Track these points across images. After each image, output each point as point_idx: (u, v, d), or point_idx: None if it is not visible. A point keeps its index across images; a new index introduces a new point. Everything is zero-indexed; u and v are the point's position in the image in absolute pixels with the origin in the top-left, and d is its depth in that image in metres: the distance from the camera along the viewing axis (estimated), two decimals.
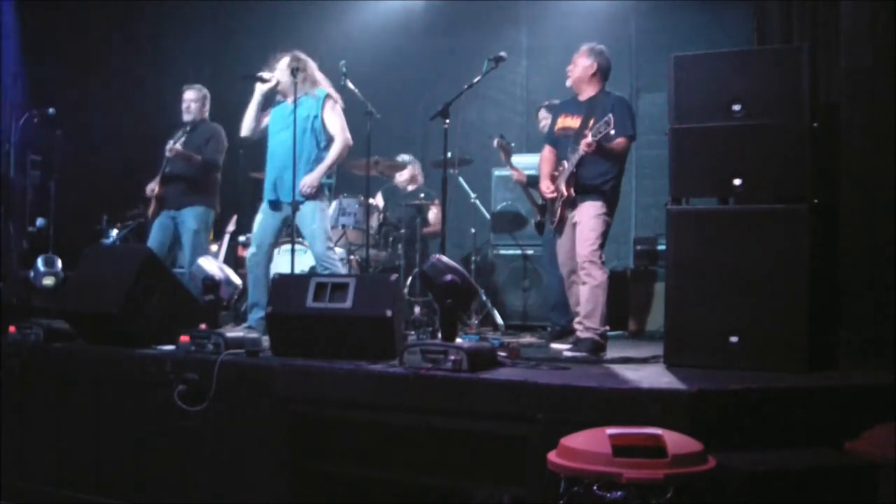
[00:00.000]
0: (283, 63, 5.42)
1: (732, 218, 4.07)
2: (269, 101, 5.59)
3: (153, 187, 6.12)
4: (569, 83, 5.10)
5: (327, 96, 5.45)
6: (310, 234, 5.40)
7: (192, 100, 6.24)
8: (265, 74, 5.39)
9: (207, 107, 6.33)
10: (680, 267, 4.08)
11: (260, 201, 5.64)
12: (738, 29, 6.89)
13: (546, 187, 5.10)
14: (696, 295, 4.00)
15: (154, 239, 6.07)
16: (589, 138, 4.67)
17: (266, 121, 5.55)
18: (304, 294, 4.11)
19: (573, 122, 5.03)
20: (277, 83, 5.41)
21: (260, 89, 5.46)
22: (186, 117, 6.23)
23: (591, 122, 4.80)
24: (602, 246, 4.84)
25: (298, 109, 5.34)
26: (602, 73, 5.04)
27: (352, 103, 5.69)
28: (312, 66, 5.50)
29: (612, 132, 4.64)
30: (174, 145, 5.90)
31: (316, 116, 5.41)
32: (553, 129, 5.21)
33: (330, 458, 3.87)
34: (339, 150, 5.44)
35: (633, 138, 4.96)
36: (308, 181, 5.32)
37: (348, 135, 5.47)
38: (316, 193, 5.36)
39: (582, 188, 4.89)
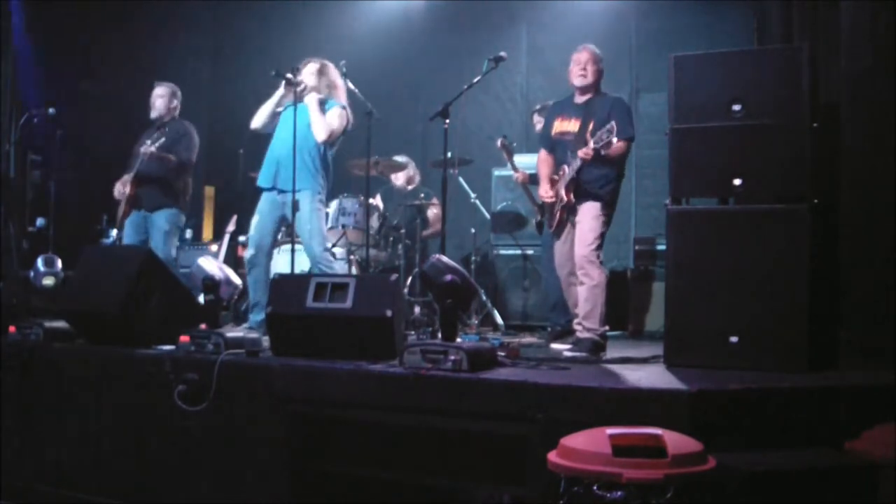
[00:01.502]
0: (312, 68, 5.42)
1: (732, 218, 4.07)
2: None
3: (123, 189, 6.07)
4: (581, 83, 4.96)
5: (342, 107, 5.47)
6: (306, 235, 5.40)
7: (158, 96, 6.20)
8: (291, 76, 5.33)
9: (176, 104, 6.26)
10: (680, 267, 4.08)
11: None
12: (738, 29, 6.90)
13: (545, 192, 5.08)
14: (696, 295, 4.00)
15: (129, 238, 6.05)
16: (589, 147, 4.65)
17: (278, 119, 5.53)
18: (304, 294, 4.11)
19: (571, 125, 5.00)
20: (304, 87, 5.34)
21: (281, 89, 5.41)
22: (153, 114, 6.19)
23: (591, 125, 4.78)
24: (600, 246, 4.83)
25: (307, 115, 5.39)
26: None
27: (352, 103, 5.69)
28: (338, 76, 5.52)
29: (615, 140, 4.62)
30: (150, 147, 5.86)
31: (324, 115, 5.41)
32: (549, 132, 5.17)
33: (330, 458, 3.87)
34: (337, 122, 5.36)
35: (633, 139, 4.95)
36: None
37: (335, 130, 5.38)
38: (313, 189, 5.37)
39: (583, 192, 4.87)
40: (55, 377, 4.44)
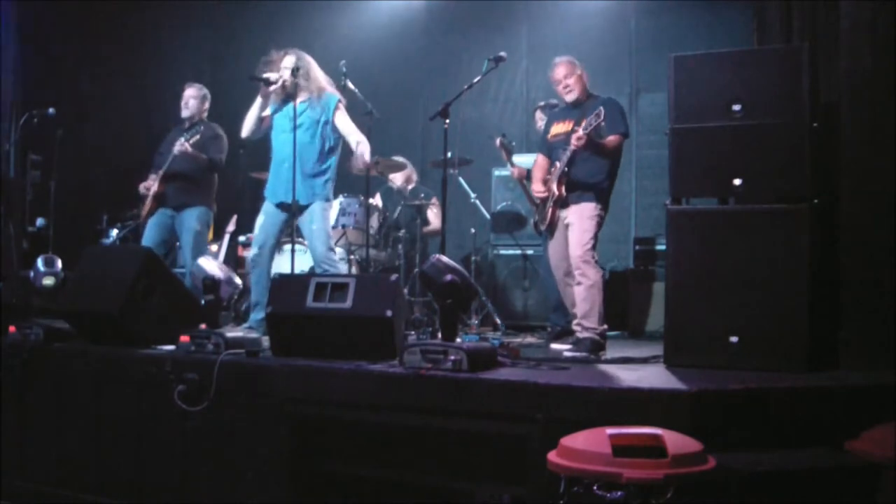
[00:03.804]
0: (288, 62, 5.37)
1: (732, 218, 4.07)
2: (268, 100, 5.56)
3: (149, 185, 6.09)
4: (571, 98, 5.05)
5: (338, 101, 5.45)
6: (310, 235, 5.40)
7: (192, 96, 6.23)
8: (271, 76, 5.32)
9: (207, 106, 6.30)
10: (680, 267, 4.08)
11: (260, 201, 5.63)
12: (738, 29, 6.88)
13: (538, 188, 5.11)
14: (696, 295, 4.00)
15: (151, 237, 6.02)
16: (580, 132, 4.67)
17: (267, 122, 5.53)
18: (304, 294, 4.11)
19: (565, 126, 5.05)
20: (283, 83, 5.32)
21: (263, 91, 5.42)
22: (185, 113, 6.22)
23: (583, 123, 4.80)
24: (595, 246, 4.84)
25: (306, 112, 5.36)
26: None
27: (352, 103, 5.69)
28: (314, 65, 5.48)
29: (603, 123, 4.65)
30: (184, 143, 5.86)
31: (327, 122, 5.40)
32: (547, 137, 5.23)
33: (330, 458, 3.87)
34: (366, 144, 5.41)
35: (626, 136, 4.98)
36: (364, 159, 5.33)
37: (361, 135, 5.48)
38: (321, 195, 5.38)
39: (574, 186, 4.90)
40: (55, 377, 4.44)
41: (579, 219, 4.85)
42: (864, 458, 2.95)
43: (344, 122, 5.44)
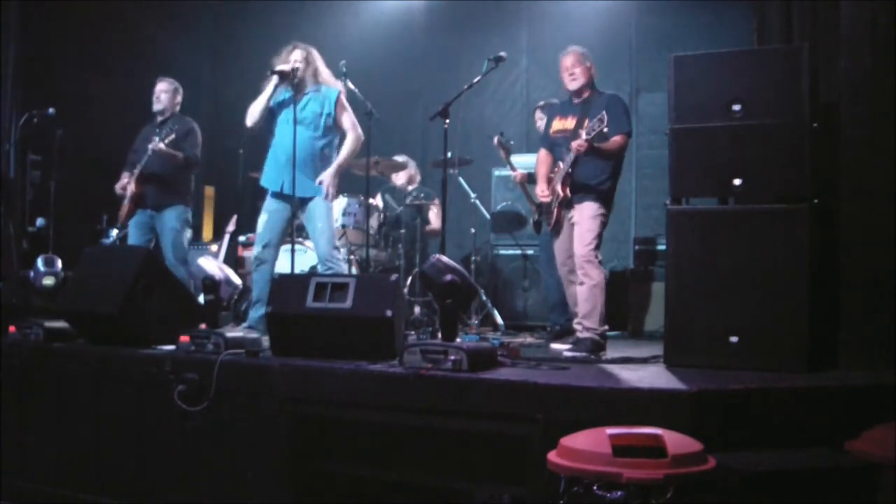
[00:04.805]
0: (296, 55, 5.39)
1: (732, 218, 4.07)
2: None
3: (126, 185, 6.06)
4: (574, 86, 5.03)
5: (339, 92, 5.47)
6: (315, 232, 5.39)
7: (163, 90, 6.22)
8: (284, 67, 5.31)
9: (179, 100, 6.29)
10: (680, 267, 4.08)
11: (261, 201, 5.62)
12: (738, 29, 6.90)
13: (541, 190, 5.11)
14: (696, 295, 4.00)
15: (135, 239, 6.03)
16: (582, 138, 4.67)
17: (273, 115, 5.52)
18: (304, 294, 4.11)
19: (568, 123, 5.04)
20: (294, 75, 5.30)
21: (273, 82, 5.39)
22: (156, 107, 6.22)
23: (586, 122, 4.80)
24: (598, 246, 4.84)
25: (308, 105, 5.37)
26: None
27: (352, 103, 5.69)
28: (319, 59, 5.49)
29: (606, 130, 4.64)
30: (158, 143, 5.84)
31: (329, 114, 5.41)
32: (548, 132, 5.21)
33: (330, 458, 3.87)
34: (354, 146, 5.47)
35: (630, 135, 4.97)
36: (328, 181, 5.33)
37: (360, 131, 5.51)
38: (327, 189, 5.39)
39: (578, 188, 4.89)
40: (55, 377, 4.44)
41: (583, 218, 4.85)
42: (864, 458, 2.95)
43: (344, 115, 5.46)
